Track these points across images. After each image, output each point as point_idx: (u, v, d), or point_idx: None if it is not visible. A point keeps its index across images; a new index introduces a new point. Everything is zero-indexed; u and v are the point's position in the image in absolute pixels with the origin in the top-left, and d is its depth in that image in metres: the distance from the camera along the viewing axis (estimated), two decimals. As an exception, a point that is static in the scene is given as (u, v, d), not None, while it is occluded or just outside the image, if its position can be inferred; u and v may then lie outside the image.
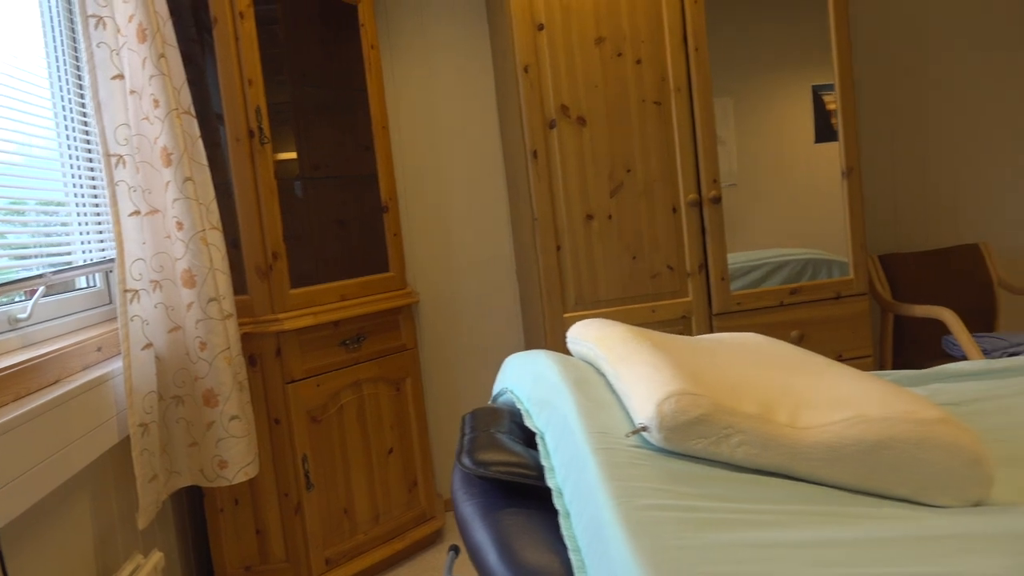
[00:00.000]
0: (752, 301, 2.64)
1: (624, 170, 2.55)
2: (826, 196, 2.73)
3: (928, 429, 0.91)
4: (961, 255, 3.11)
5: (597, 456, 0.89)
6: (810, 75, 2.70)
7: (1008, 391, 1.43)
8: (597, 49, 2.51)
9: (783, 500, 0.87)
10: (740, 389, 0.98)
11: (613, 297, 2.58)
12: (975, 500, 0.93)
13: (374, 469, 2.62)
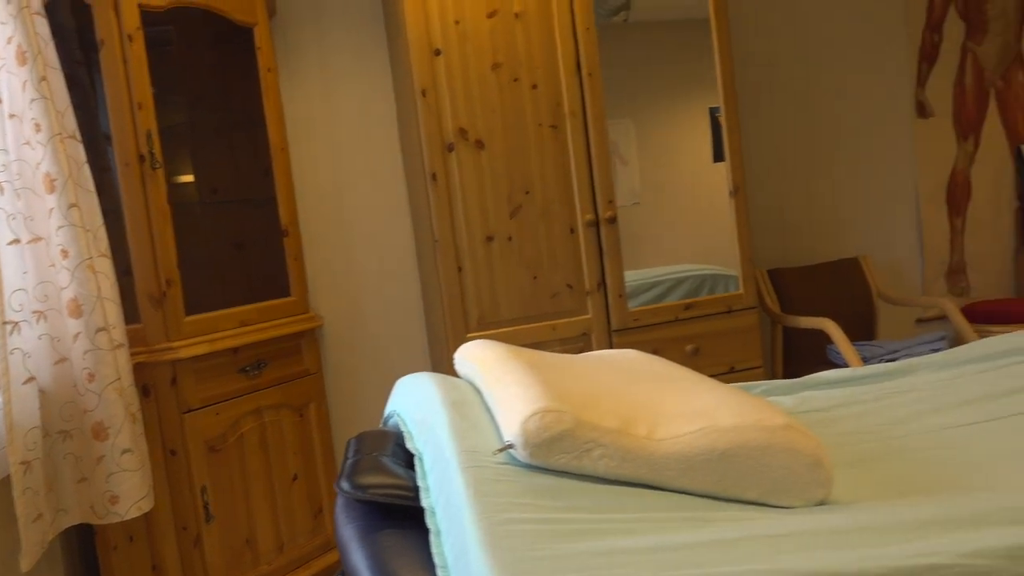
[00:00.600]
0: (649, 317, 2.73)
1: (523, 192, 2.61)
2: (723, 213, 2.85)
3: (773, 436, 0.98)
4: (843, 268, 3.30)
5: (465, 474, 0.93)
6: (707, 98, 2.83)
7: (868, 396, 1.54)
8: (494, 74, 2.57)
9: (640, 508, 0.92)
10: (605, 405, 1.03)
11: (515, 316, 2.62)
12: (818, 500, 1.01)
13: (277, 497, 2.58)
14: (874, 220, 3.46)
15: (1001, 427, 1.32)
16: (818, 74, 3.38)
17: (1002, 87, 3.56)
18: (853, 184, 3.42)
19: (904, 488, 1.07)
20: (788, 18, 3.33)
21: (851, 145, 3.41)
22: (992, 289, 3.59)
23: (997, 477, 1.11)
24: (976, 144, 3.54)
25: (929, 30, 3.45)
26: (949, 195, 3.52)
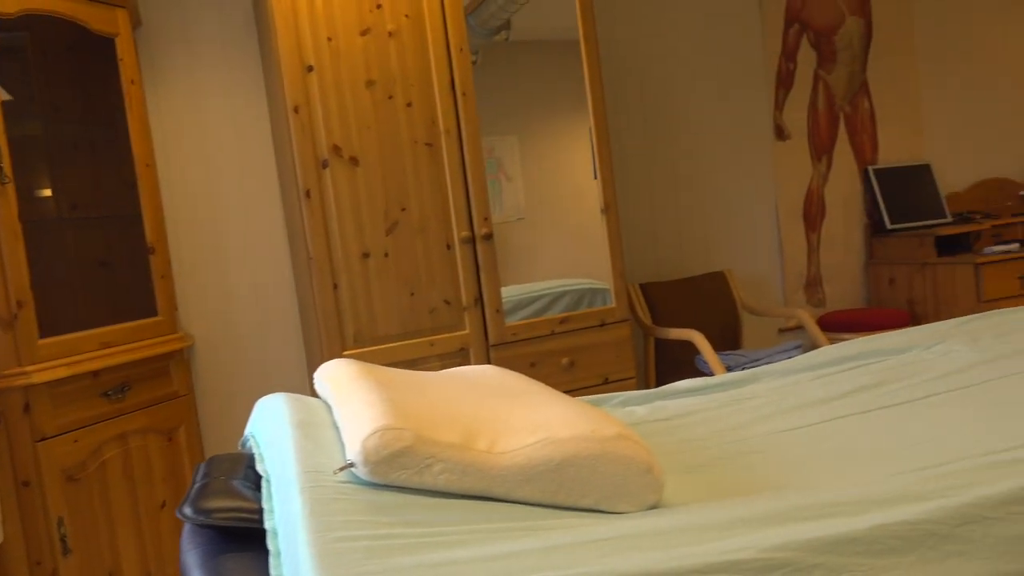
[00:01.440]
0: (526, 331, 2.79)
1: (399, 209, 2.63)
2: (602, 229, 2.94)
3: (606, 445, 1.04)
4: (710, 282, 3.47)
5: (303, 495, 0.93)
6: (587, 117, 2.92)
7: (714, 404, 1.64)
8: (368, 91, 2.58)
9: (479, 520, 0.95)
10: (449, 421, 1.06)
11: (392, 333, 2.63)
12: (650, 504, 1.07)
13: (144, 526, 2.48)
14: (739, 236, 3.66)
15: (827, 429, 1.43)
16: (685, 98, 3.55)
17: (850, 112, 3.84)
18: (719, 202, 3.61)
19: (731, 490, 1.15)
20: (657, 44, 3.49)
21: (717, 165, 3.60)
22: (845, 300, 3.86)
23: (815, 476, 1.20)
24: (829, 165, 3.81)
25: (785, 59, 3.69)
26: (806, 212, 3.77)
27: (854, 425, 1.42)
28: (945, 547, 0.97)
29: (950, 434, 1.31)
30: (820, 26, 3.76)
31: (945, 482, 1.07)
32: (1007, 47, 4.21)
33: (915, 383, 1.60)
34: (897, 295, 3.72)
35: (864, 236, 3.89)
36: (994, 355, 1.70)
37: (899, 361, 1.75)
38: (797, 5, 3.70)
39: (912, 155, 3.99)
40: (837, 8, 3.79)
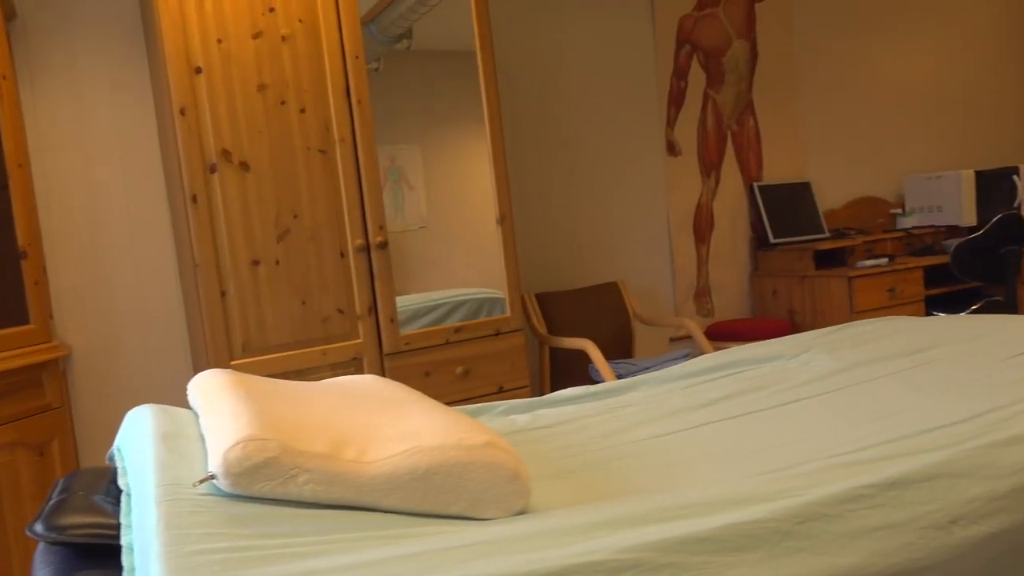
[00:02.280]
0: (420, 341, 2.79)
1: (291, 215, 2.59)
2: (499, 239, 2.97)
3: (473, 453, 1.06)
4: (604, 292, 3.56)
5: (160, 508, 0.92)
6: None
7: (593, 412, 1.69)
8: (260, 96, 2.53)
9: (343, 529, 0.96)
10: (319, 430, 1.06)
11: (283, 342, 2.58)
12: (517, 510, 1.10)
13: (12, 548, 2.35)
14: (632, 248, 3.77)
15: (694, 435, 1.50)
16: (582, 112, 3.64)
17: (737, 131, 4.03)
18: (614, 214, 3.72)
19: (598, 494, 1.19)
20: (555, 59, 3.57)
21: (612, 179, 3.71)
22: (732, 310, 4.03)
23: (678, 479, 1.26)
24: (717, 181, 3.98)
25: (676, 77, 3.84)
26: (695, 226, 3.92)
27: (719, 430, 1.50)
28: (788, 543, 1.04)
29: (804, 438, 1.39)
30: (709, 48, 3.92)
31: (792, 483, 1.14)
32: (879, 76, 4.50)
33: (778, 390, 1.70)
34: (779, 305, 3.91)
35: (749, 249, 4.08)
36: (850, 363, 1.82)
37: (765, 370, 1.85)
38: (688, 27, 3.86)
39: (794, 173, 4.21)
40: (725, 31, 3.97)
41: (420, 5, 3.00)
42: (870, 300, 3.60)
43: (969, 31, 4.83)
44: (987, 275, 3.78)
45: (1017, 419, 1.37)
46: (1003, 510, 1.18)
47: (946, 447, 1.25)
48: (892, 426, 1.39)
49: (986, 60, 4.92)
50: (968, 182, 4.11)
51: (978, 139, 4.90)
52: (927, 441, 1.29)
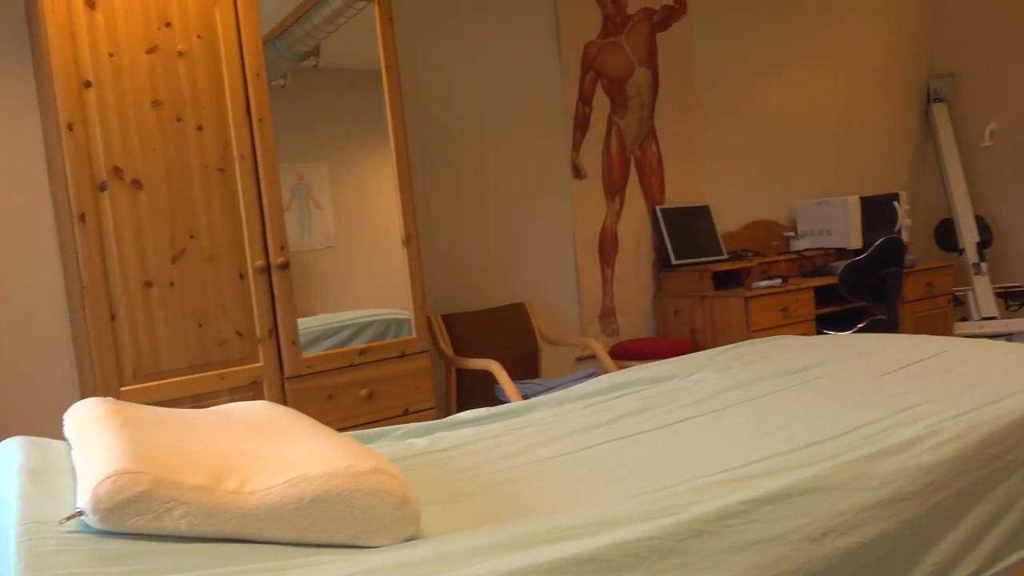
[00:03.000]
0: (323, 363, 2.74)
1: (187, 236, 2.51)
2: (404, 260, 2.96)
3: (360, 480, 1.05)
4: (511, 313, 3.59)
5: (20, 548, 0.87)
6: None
7: (492, 434, 1.70)
8: (154, 112, 2.45)
9: (220, 563, 0.93)
10: (198, 461, 1.03)
11: (178, 367, 2.49)
12: (406, 536, 1.09)
13: None
14: (539, 269, 3.82)
15: (589, 455, 1.52)
16: (490, 134, 3.67)
17: (640, 156, 4.15)
18: (521, 236, 3.76)
19: (490, 517, 1.20)
20: (463, 81, 3.60)
21: (519, 201, 3.75)
22: (636, 329, 4.12)
23: (570, 499, 1.28)
24: (621, 204, 4.08)
25: (581, 103, 3.93)
26: (600, 248, 4.01)
27: (612, 450, 1.53)
28: (669, 560, 1.07)
29: (691, 456, 1.44)
30: (613, 75, 4.04)
31: (676, 500, 1.18)
32: (772, 106, 4.73)
33: (671, 409, 1.75)
34: (681, 325, 4.03)
35: (653, 270, 4.19)
36: (740, 382, 1.89)
37: (660, 389, 1.91)
38: (592, 54, 3.96)
39: (694, 197, 4.37)
40: (628, 59, 4.09)
41: (327, 23, 2.98)
42: (765, 319, 3.75)
43: (855, 67, 5.14)
44: (872, 295, 4.01)
45: (887, 433, 1.45)
46: (871, 521, 1.25)
47: (820, 462, 1.31)
48: (774, 442, 1.45)
49: (871, 94, 5.24)
50: (854, 207, 4.35)
51: (863, 167, 5.20)
52: (804, 456, 1.35)
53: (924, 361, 1.92)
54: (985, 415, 1.50)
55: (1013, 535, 1.48)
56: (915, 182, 5.49)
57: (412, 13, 3.48)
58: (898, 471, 1.30)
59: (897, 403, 1.61)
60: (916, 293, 4.30)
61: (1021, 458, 1.50)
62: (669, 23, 4.24)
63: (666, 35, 4.23)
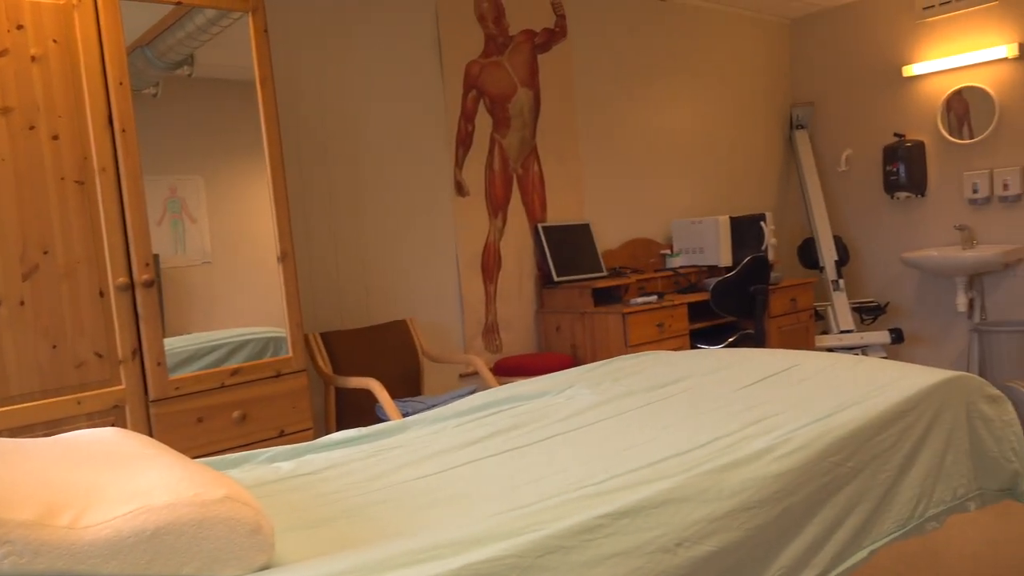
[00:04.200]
0: (192, 385, 2.63)
1: (40, 251, 2.36)
2: (279, 277, 2.87)
3: (208, 509, 1.01)
4: (393, 330, 3.56)
5: None
6: (274, 162, 2.86)
7: (361, 455, 1.67)
8: (4, 119, 2.30)
9: (49, 605, 0.87)
10: (30, 494, 0.96)
11: (29, 391, 2.33)
12: (259, 566, 1.06)
13: None
14: (422, 285, 3.80)
15: (457, 474, 1.53)
16: (372, 150, 3.64)
17: (522, 174, 4.21)
18: (404, 252, 3.74)
19: (350, 542, 1.18)
20: (346, 97, 3.56)
21: (402, 217, 3.73)
22: (519, 346, 4.17)
23: (434, 520, 1.28)
24: (504, 221, 4.13)
25: (464, 120, 3.96)
26: (483, 264, 4.04)
27: (481, 468, 1.54)
28: (527, 578, 1.08)
29: (557, 472, 1.47)
30: (495, 94, 4.09)
31: (536, 518, 1.19)
32: (649, 128, 4.92)
33: (540, 426, 1.77)
34: (563, 341, 4.11)
35: (535, 287, 4.26)
36: (609, 397, 1.95)
37: (533, 406, 1.93)
38: (474, 72, 4.00)
39: (575, 215, 4.47)
40: (510, 79, 4.16)
41: (201, 32, 2.89)
42: (642, 335, 3.87)
43: (726, 94, 5.42)
44: (741, 310, 4.21)
45: (740, 444, 1.52)
46: (723, 529, 1.31)
47: (676, 474, 1.37)
48: (636, 456, 1.50)
49: (741, 120, 5.53)
50: (724, 227, 4.57)
51: (734, 188, 5.48)
52: (662, 469, 1.40)
53: (779, 374, 2.03)
54: (828, 425, 1.60)
55: (854, 537, 1.58)
56: (780, 203, 5.83)
57: (293, 25, 3.42)
58: (748, 481, 1.37)
59: (751, 415, 1.69)
60: (781, 308, 4.55)
61: (860, 465, 1.61)
62: (550, 45, 4.34)
63: (547, 56, 4.33)
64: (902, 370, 1.98)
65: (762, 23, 5.68)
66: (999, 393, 2.01)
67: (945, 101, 5.09)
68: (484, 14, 4.05)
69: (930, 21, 5.13)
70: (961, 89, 5.01)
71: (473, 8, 4.00)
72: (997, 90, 4.87)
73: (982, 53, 4.87)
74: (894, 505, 1.68)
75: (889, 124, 5.38)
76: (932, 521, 1.79)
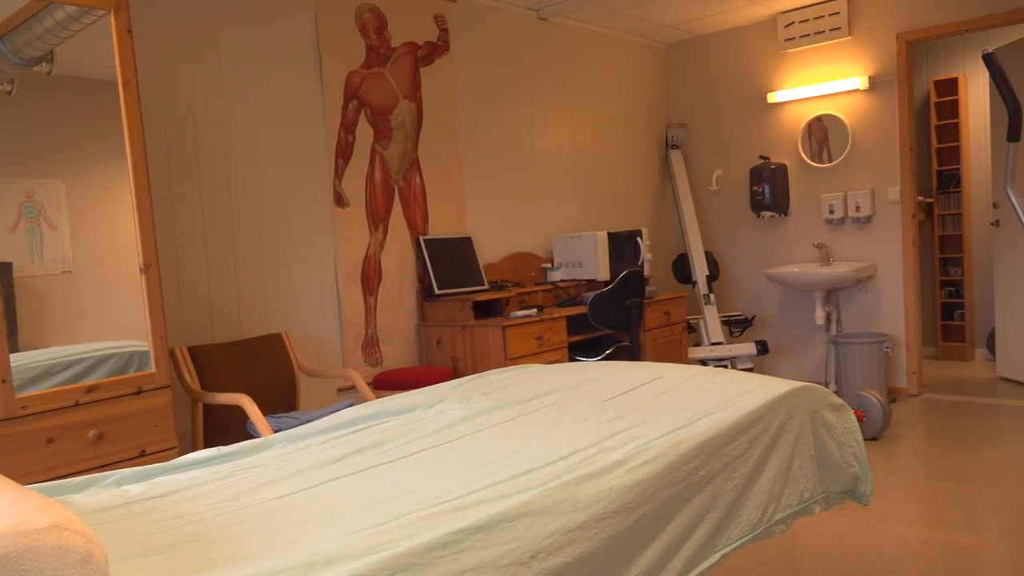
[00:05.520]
0: (41, 404, 2.47)
1: None
2: (142, 290, 2.74)
3: (32, 539, 0.95)
4: (268, 344, 3.46)
5: None
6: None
7: (218, 476, 1.61)
8: None
9: None
10: None
11: None
12: (90, 597, 1.01)
13: None
14: (299, 298, 3.72)
15: (318, 492, 1.50)
16: (247, 158, 3.54)
17: (404, 186, 4.20)
18: (280, 264, 3.64)
19: (195, 567, 1.14)
20: (219, 103, 3.44)
21: (278, 228, 3.64)
22: (400, 359, 4.14)
23: (289, 542, 1.25)
24: (385, 233, 4.10)
25: (344, 131, 3.91)
26: (363, 276, 3.99)
27: (342, 486, 1.52)
28: (378, 597, 1.07)
29: (418, 488, 1.47)
30: (376, 105, 4.06)
31: (392, 535, 1.19)
32: (530, 144, 5.01)
33: (407, 441, 1.77)
34: (444, 354, 4.11)
35: (417, 300, 4.24)
36: (478, 411, 1.96)
37: (401, 421, 1.92)
38: (355, 83, 3.96)
39: (457, 228, 4.49)
40: (392, 91, 4.14)
41: (60, 28, 2.73)
42: (522, 347, 3.92)
43: (606, 112, 5.59)
44: (617, 323, 4.34)
45: (597, 457, 1.57)
46: (577, 540, 1.34)
47: (534, 488, 1.39)
48: (498, 470, 1.52)
49: (620, 138, 5.72)
50: (602, 242, 4.70)
51: (612, 204, 5.65)
52: (521, 483, 1.42)
53: (642, 386, 2.10)
54: (682, 435, 1.67)
55: (706, 542, 1.66)
56: (656, 220, 6.06)
57: (161, 26, 3.28)
58: (602, 492, 1.42)
59: (611, 427, 1.75)
60: (656, 321, 4.73)
61: (712, 473, 1.69)
62: (433, 58, 4.36)
63: (430, 69, 4.34)
64: (754, 382, 2.09)
65: (639, 46, 5.91)
66: (842, 402, 2.16)
67: (806, 127, 5.44)
68: (366, 24, 4.02)
69: (791, 52, 5.48)
70: (821, 116, 5.37)
71: (354, 18, 3.97)
72: (850, 118, 5.25)
73: (837, 84, 5.23)
74: (744, 510, 1.76)
75: (756, 147, 5.70)
76: (780, 524, 1.90)
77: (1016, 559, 2.69)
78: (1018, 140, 2.50)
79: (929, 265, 6.37)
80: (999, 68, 2.40)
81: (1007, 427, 4.33)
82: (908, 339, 5.14)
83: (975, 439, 4.14)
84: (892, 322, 5.19)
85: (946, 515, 3.14)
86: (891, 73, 5.06)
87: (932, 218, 6.34)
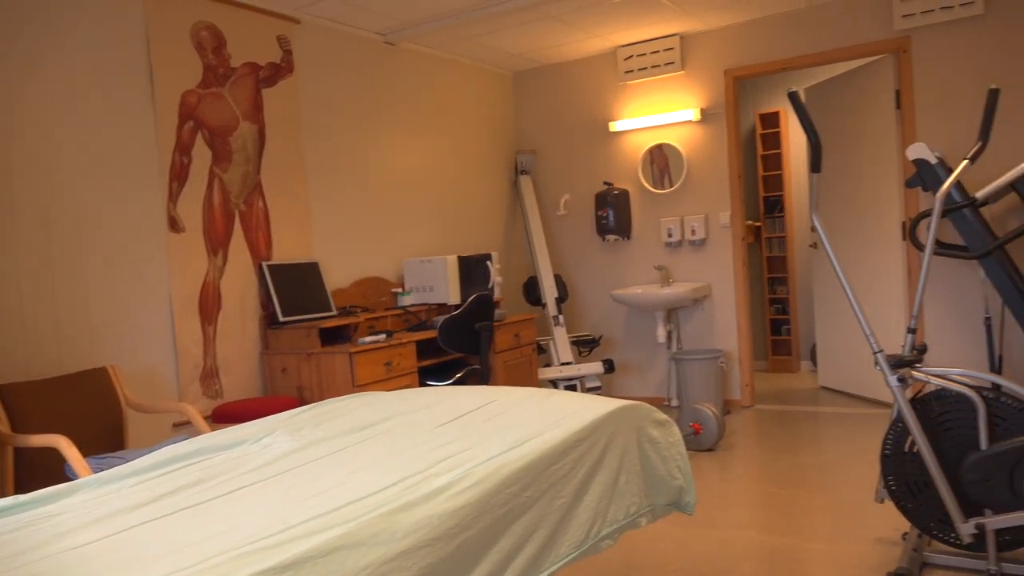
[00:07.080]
0: None
1: None
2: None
3: None
4: (91, 379, 3.23)
5: None
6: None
7: (11, 527, 1.49)
8: None
9: None
10: None
11: None
12: None
13: None
14: (128, 329, 3.50)
15: (124, 538, 1.42)
16: (67, 181, 3.31)
17: (245, 210, 4.07)
18: (106, 294, 3.42)
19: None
20: (33, 111, 3.21)
21: (102, 255, 3.42)
22: (242, 389, 3.99)
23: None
24: (225, 258, 3.94)
25: (179, 152, 3.74)
26: (201, 304, 3.82)
27: (151, 531, 1.44)
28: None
29: (234, 527, 1.41)
30: (215, 126, 3.92)
31: (195, 580, 1.14)
32: (379, 170, 4.99)
33: (229, 478, 1.70)
34: (289, 383, 3.99)
35: (260, 327, 4.10)
36: (307, 443, 1.92)
37: (225, 457, 1.85)
38: (192, 103, 3.81)
39: (303, 253, 4.39)
40: (232, 112, 4.01)
41: None
42: (370, 374, 3.88)
43: (456, 137, 5.66)
44: (467, 347, 4.38)
45: (423, 484, 1.58)
46: (396, 571, 1.34)
47: (355, 519, 1.38)
48: (318, 504, 1.49)
49: (470, 164, 5.80)
50: (452, 266, 4.74)
51: (463, 229, 5.72)
52: (340, 516, 1.41)
53: (475, 411, 2.13)
54: (507, 459, 1.71)
55: (533, 563, 1.70)
56: (506, 244, 6.18)
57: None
58: (422, 520, 1.42)
59: (440, 453, 1.76)
60: (506, 343, 4.80)
61: (538, 494, 1.74)
62: (276, 80, 4.26)
63: (273, 91, 4.24)
64: (583, 401, 2.17)
65: (487, 74, 6.03)
66: (666, 418, 2.28)
67: (648, 154, 5.73)
68: (203, 43, 3.88)
69: (631, 84, 5.77)
70: (661, 144, 5.68)
71: (190, 35, 3.82)
72: (686, 147, 5.58)
73: (673, 115, 5.56)
74: (570, 528, 1.82)
75: (600, 173, 5.95)
76: (607, 539, 1.97)
77: (833, 557, 2.93)
78: (819, 171, 2.75)
79: (759, 284, 6.85)
80: (801, 105, 2.64)
81: (828, 433, 4.71)
82: (741, 354, 5.50)
83: (800, 446, 4.47)
84: (726, 338, 5.53)
85: (773, 518, 3.37)
86: (720, 106, 5.44)
87: (760, 240, 6.83)
